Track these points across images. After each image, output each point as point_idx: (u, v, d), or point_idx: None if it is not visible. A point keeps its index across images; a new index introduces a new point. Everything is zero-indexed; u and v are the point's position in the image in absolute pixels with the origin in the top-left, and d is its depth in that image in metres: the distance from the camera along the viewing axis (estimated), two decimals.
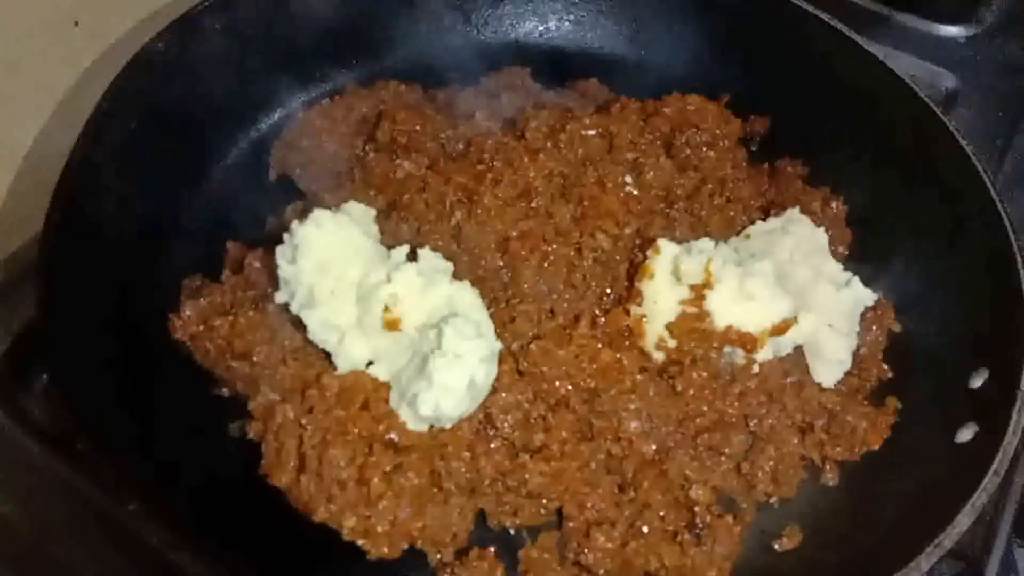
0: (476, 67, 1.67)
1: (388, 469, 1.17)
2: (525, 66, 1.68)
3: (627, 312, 1.32)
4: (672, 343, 1.28)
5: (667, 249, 1.31)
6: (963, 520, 1.10)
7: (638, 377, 1.27)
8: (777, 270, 1.30)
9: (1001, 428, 1.15)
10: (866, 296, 1.32)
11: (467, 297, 1.26)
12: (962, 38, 1.85)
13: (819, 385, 1.32)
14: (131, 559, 1.19)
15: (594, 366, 1.26)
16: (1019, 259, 1.27)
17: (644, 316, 1.30)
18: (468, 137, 1.50)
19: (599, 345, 1.29)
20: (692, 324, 1.27)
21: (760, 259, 1.31)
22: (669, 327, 1.28)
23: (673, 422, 1.25)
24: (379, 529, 1.15)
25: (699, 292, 1.27)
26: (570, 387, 1.25)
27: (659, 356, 1.30)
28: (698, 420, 1.26)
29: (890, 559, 1.10)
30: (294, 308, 1.24)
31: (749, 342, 1.26)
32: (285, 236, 1.26)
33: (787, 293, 1.27)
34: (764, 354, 1.29)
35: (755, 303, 1.25)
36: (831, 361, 1.31)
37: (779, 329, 1.25)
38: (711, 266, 1.27)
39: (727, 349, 1.28)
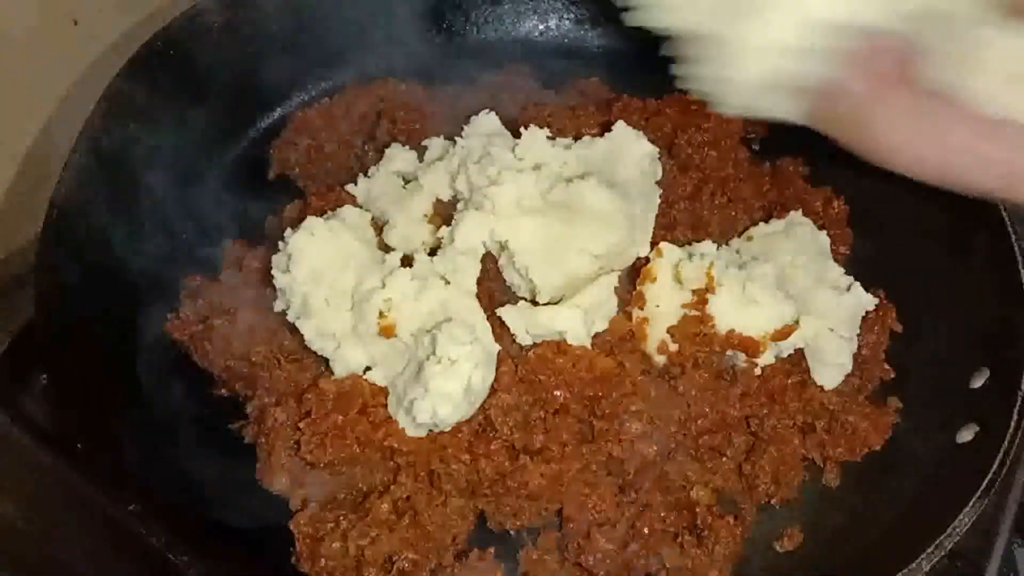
0: (476, 66, 1.67)
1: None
2: (525, 65, 1.68)
3: (629, 316, 1.32)
4: (674, 347, 1.28)
5: (669, 252, 1.31)
6: (964, 520, 1.10)
7: (639, 379, 1.27)
8: (778, 274, 1.30)
9: (1001, 428, 1.16)
10: (867, 301, 1.31)
11: (463, 300, 1.25)
12: None
13: (820, 386, 1.31)
14: (131, 559, 1.19)
15: (592, 375, 1.24)
16: (1019, 259, 1.27)
17: (646, 319, 1.30)
18: None
19: (597, 352, 1.27)
20: (694, 328, 1.26)
21: (762, 263, 1.31)
22: (671, 331, 1.28)
23: (674, 423, 1.25)
24: None
25: (701, 296, 1.26)
26: (569, 395, 1.24)
27: (660, 359, 1.30)
28: (699, 421, 1.25)
29: (891, 559, 1.10)
30: (290, 317, 1.24)
31: (751, 347, 1.25)
32: (280, 244, 1.26)
33: (788, 297, 1.27)
34: (765, 357, 1.28)
35: (757, 308, 1.25)
36: (832, 364, 1.31)
37: (781, 334, 1.25)
38: (713, 270, 1.26)
39: (728, 352, 1.28)
